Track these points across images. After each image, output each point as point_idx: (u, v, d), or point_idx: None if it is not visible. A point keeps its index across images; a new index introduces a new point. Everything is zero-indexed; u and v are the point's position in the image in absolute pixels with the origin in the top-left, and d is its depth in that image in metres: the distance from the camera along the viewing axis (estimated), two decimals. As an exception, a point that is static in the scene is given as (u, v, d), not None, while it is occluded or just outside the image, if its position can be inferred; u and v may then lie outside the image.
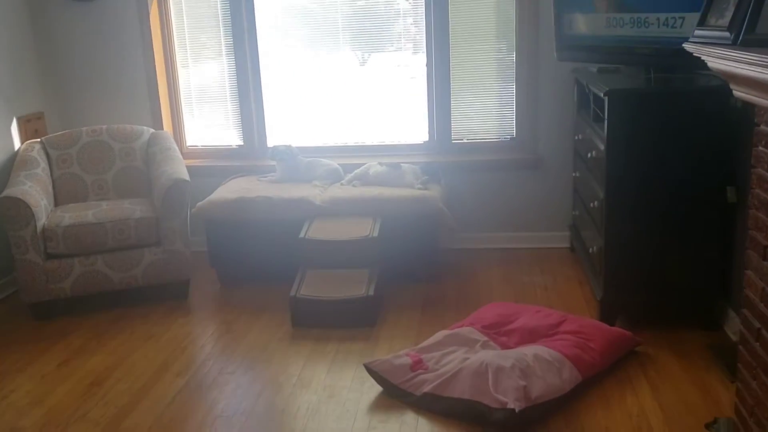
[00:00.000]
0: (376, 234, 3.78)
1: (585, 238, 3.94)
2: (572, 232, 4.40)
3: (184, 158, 4.83)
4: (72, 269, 3.78)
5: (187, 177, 3.98)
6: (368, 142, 4.83)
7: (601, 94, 3.22)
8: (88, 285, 3.82)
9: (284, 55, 4.76)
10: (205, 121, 4.90)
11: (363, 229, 3.84)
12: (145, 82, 4.73)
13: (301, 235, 3.83)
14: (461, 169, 4.54)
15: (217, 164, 4.78)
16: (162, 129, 4.73)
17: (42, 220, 3.77)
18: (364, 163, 4.40)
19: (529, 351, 2.90)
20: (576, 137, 4.10)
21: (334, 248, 3.76)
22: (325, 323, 3.52)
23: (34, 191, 3.86)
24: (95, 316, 3.82)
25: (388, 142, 4.80)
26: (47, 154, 4.26)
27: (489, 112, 4.62)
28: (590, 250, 3.60)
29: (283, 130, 4.86)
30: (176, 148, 4.41)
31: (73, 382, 3.13)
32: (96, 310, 3.88)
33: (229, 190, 4.24)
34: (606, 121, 3.21)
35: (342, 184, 4.30)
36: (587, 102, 3.92)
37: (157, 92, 4.73)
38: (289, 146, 4.47)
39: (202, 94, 4.85)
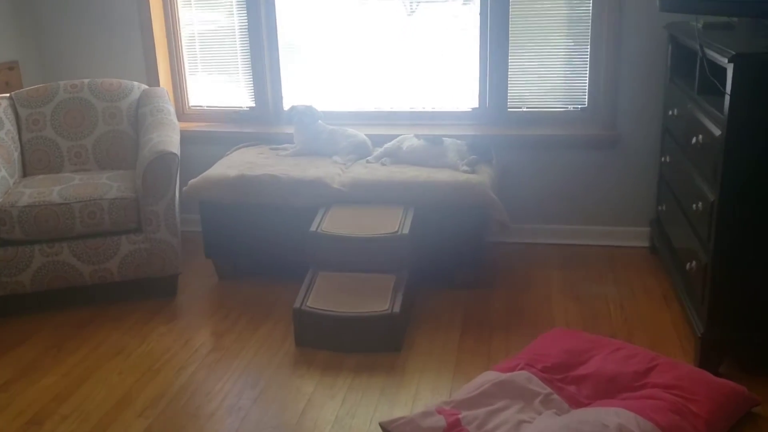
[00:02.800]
0: (406, 230, 2.96)
1: (677, 246, 3.06)
2: (654, 229, 3.52)
3: (186, 121, 4.08)
4: (31, 259, 3.07)
5: (175, 148, 3.20)
6: (403, 108, 3.98)
7: (725, 60, 2.32)
8: (52, 279, 3.11)
9: (306, -1, 3.92)
10: (212, 77, 4.10)
11: (391, 222, 3.03)
12: (138, 26, 3.93)
13: (313, 227, 3.04)
14: (517, 145, 3.67)
15: (223, 130, 3.99)
16: (158, 85, 3.96)
17: (-5, 198, 3.05)
18: (398, 135, 3.57)
19: (610, 418, 2.09)
20: (669, 112, 3.19)
21: (353, 247, 2.96)
22: (336, 345, 2.76)
23: (-11, 161, 3.13)
24: (59, 316, 3.12)
25: (427, 109, 3.95)
26: (16, 113, 3.52)
27: (555, 74, 3.71)
28: (687, 265, 2.73)
29: (302, 90, 4.03)
30: (171, 109, 3.63)
31: (5, 419, 2.42)
32: (61, 309, 3.17)
33: (230, 165, 3.45)
34: (729, 97, 2.31)
35: (368, 162, 3.48)
36: (687, 67, 3.00)
37: (152, 38, 3.94)
38: (311, 107, 3.65)
39: (209, 43, 4.04)
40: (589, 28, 3.59)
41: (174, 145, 3.24)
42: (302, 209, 3.23)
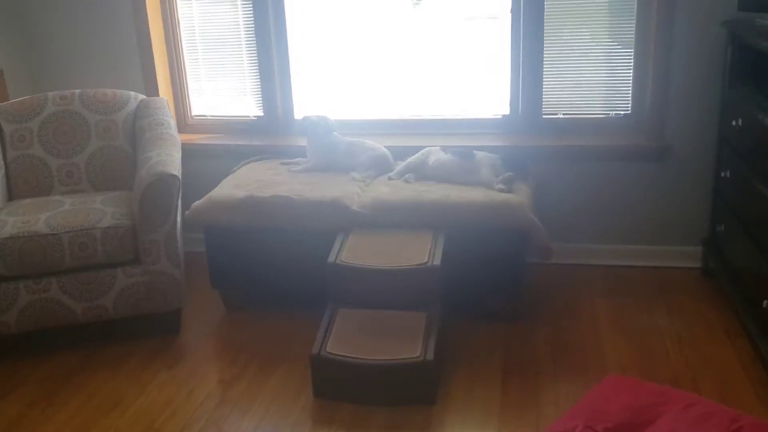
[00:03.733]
0: (438, 261, 2.61)
1: (742, 275, 2.71)
2: (708, 250, 3.17)
3: (188, 132, 3.74)
4: (16, 297, 2.73)
5: (175, 169, 2.85)
6: (425, 116, 3.63)
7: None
8: (40, 318, 2.77)
9: (317, -3, 3.56)
10: (216, 84, 3.75)
11: (419, 250, 2.69)
12: (134, 30, 3.58)
13: (331, 257, 2.69)
14: (554, 156, 3.32)
15: (229, 142, 3.64)
16: (157, 95, 3.61)
17: (-26, 229, 2.71)
18: (421, 147, 3.22)
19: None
20: (732, 122, 2.82)
21: (378, 280, 2.62)
22: (361, 397, 2.42)
23: (-33, 186, 2.80)
24: (48, 361, 2.79)
25: (453, 116, 3.59)
26: (0, 129, 3.18)
27: (595, 76, 3.35)
28: (765, 303, 2.38)
29: (314, 97, 3.69)
30: (171, 122, 3.28)
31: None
32: (50, 352, 2.84)
33: (238, 184, 3.11)
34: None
35: (390, 178, 3.13)
36: (753, 72, 2.65)
37: (150, 42, 3.58)
38: (325, 117, 3.30)
39: (212, 46, 3.68)
40: (634, 24, 3.23)
41: (175, 165, 2.89)
42: (318, 233, 2.89)
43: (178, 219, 2.89)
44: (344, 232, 2.85)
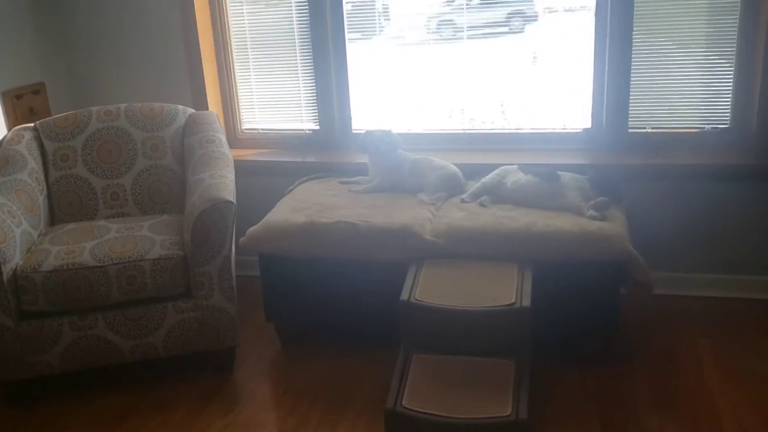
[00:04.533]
0: (527, 301, 2.30)
1: None
2: (825, 282, 2.81)
3: (238, 147, 3.48)
4: (60, 334, 2.49)
5: (230, 194, 2.59)
6: (495, 129, 3.32)
7: None
8: (85, 357, 2.53)
9: None
10: (268, 94, 3.48)
11: (505, 287, 2.38)
12: (182, 39, 3.34)
13: (404, 295, 2.39)
14: (643, 176, 2.98)
15: (283, 159, 3.38)
16: (206, 108, 3.36)
17: (14, 260, 2.48)
18: (491, 165, 2.92)
19: None
20: None
21: (459, 322, 2.32)
22: (444, 459, 2.13)
23: (6, 212, 2.56)
24: (94, 404, 2.54)
25: (526, 130, 3.28)
26: (41, 148, 2.96)
27: (688, 86, 3.01)
28: None
29: (374, 108, 3.41)
30: (223, 138, 3.03)
31: None
32: (96, 394, 2.60)
33: (295, 207, 2.84)
34: None
35: (463, 201, 2.83)
36: None
37: (199, 52, 3.34)
38: (389, 132, 3.02)
39: (263, 54, 3.42)
40: (737, 26, 2.88)
41: (229, 189, 2.63)
42: (385, 264, 2.61)
43: (233, 248, 2.63)
44: (416, 264, 2.55)
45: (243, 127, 3.55)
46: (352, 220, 2.66)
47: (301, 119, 3.46)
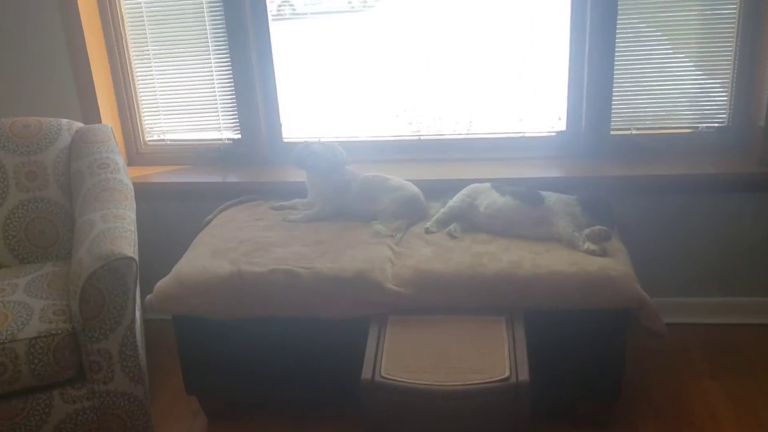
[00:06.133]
0: (525, 374, 1.79)
1: None
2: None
3: (141, 164, 2.87)
4: None
5: (130, 246, 1.97)
6: (453, 134, 2.80)
7: None
8: (-59, 474, 1.90)
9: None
10: (177, 98, 2.84)
11: (493, 352, 1.86)
12: (63, 30, 2.66)
13: (367, 372, 1.83)
14: (630, 187, 2.53)
15: (196, 180, 2.75)
16: (99, 121, 2.70)
17: None
18: (454, 182, 2.42)
19: None
20: None
21: (441, 405, 1.80)
22: None
23: None
24: None
25: (489, 134, 2.77)
26: None
27: (679, 79, 2.56)
28: None
29: (308, 111, 2.83)
30: (120, 161, 2.39)
31: None
32: None
33: (216, 247, 2.23)
34: None
35: (428, 230, 2.30)
36: None
37: (85, 48, 2.66)
38: (334, 146, 2.45)
39: (170, 49, 2.78)
40: (736, 7, 2.44)
41: (128, 237, 2.00)
42: (335, 321, 2.07)
43: (137, 315, 2.02)
44: (377, 323, 2.01)
45: (147, 139, 2.90)
46: (291, 267, 2.09)
47: (218, 127, 2.85)
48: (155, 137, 2.90)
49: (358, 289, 2.04)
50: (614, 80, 2.55)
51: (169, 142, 2.89)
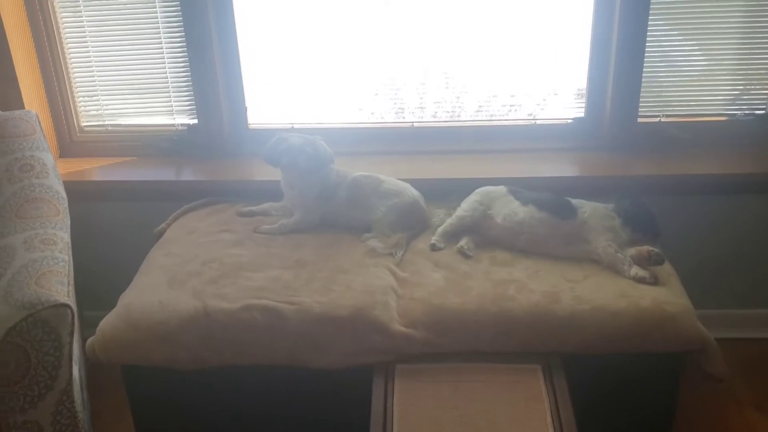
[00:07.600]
0: (574, 446, 1.44)
1: None
2: None
3: (77, 156, 2.42)
4: None
5: (62, 288, 1.51)
6: (450, 121, 2.38)
7: None
8: None
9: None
10: (119, 75, 2.33)
11: (531, 413, 1.49)
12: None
13: (377, 447, 1.47)
14: (664, 188, 2.16)
15: (143, 178, 2.27)
16: (22, 106, 2.18)
17: None
18: (458, 181, 2.05)
19: None
20: None
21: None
22: None
23: None
24: None
25: (493, 121, 2.36)
26: None
27: (715, 62, 2.19)
28: None
29: (278, 95, 2.36)
30: (48, 160, 1.91)
31: None
32: None
33: (173, 272, 1.79)
34: None
35: (434, 247, 1.90)
36: None
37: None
38: (315, 140, 2.00)
39: (108, 14, 2.26)
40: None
41: (61, 273, 1.54)
42: (330, 370, 1.66)
43: (73, 371, 1.57)
44: (383, 374, 1.62)
45: (82, 124, 2.40)
46: (271, 302, 1.67)
47: (170, 110, 2.36)
48: (93, 123, 2.39)
49: (357, 332, 1.63)
50: (645, 58, 2.16)
51: (110, 128, 2.39)
